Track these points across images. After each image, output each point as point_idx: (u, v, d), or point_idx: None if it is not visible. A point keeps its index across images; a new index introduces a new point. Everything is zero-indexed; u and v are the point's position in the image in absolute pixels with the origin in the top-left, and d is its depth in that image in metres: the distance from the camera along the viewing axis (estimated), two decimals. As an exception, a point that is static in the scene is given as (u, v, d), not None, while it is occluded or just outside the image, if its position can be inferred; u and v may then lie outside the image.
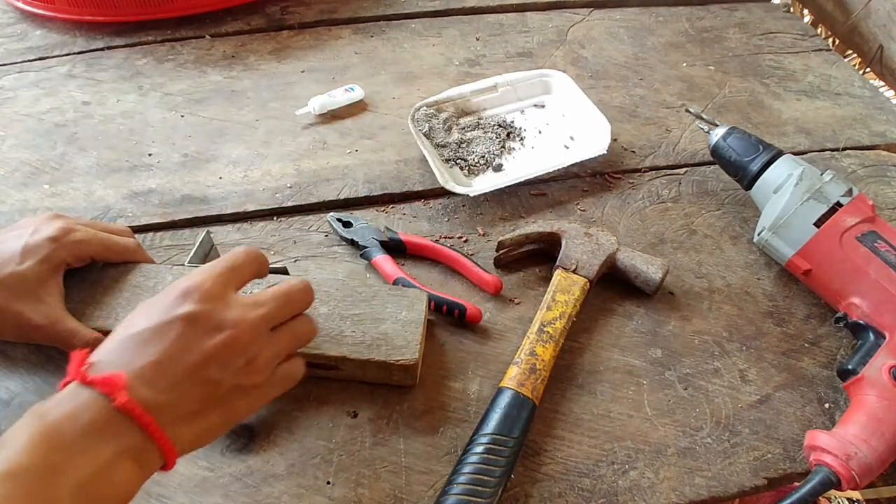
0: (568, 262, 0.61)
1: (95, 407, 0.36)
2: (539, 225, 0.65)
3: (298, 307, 0.46)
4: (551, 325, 0.57)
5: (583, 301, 0.60)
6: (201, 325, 0.40)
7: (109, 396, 0.36)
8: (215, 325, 0.40)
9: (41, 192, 0.71)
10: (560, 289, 0.60)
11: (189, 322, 0.40)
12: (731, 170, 0.68)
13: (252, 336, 0.41)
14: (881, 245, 0.58)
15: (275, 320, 0.44)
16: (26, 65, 0.88)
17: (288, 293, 0.45)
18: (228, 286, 0.43)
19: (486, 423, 0.51)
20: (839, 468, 0.49)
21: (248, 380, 0.42)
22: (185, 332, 0.39)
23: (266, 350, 0.43)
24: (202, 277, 0.42)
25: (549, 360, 0.55)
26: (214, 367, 0.40)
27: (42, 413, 0.36)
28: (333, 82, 0.86)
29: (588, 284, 0.60)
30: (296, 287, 0.46)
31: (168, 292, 0.42)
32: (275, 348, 0.43)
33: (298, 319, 0.46)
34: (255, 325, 0.42)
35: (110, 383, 0.37)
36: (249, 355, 0.41)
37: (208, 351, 0.40)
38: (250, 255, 0.45)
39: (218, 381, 0.40)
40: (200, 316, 0.40)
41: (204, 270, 0.43)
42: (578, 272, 0.61)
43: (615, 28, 0.99)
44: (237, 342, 0.41)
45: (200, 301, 0.41)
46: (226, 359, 0.40)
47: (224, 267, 0.43)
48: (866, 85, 0.90)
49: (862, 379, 0.54)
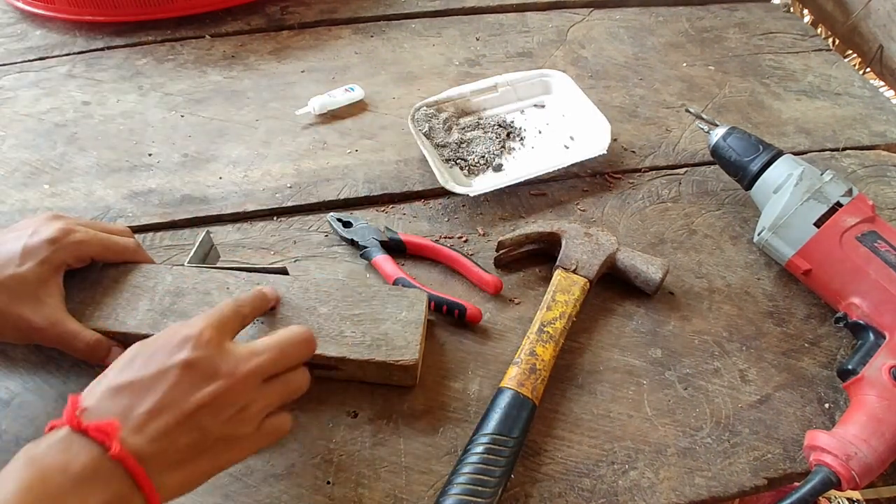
0: (568, 262, 0.61)
1: (87, 455, 0.36)
2: (539, 225, 0.65)
3: (296, 359, 0.46)
4: (551, 325, 0.57)
5: (583, 301, 0.60)
6: (197, 372, 0.40)
7: (103, 445, 0.37)
8: (210, 373, 0.41)
9: (41, 192, 0.71)
10: (560, 289, 0.60)
11: (185, 369, 0.40)
12: (731, 170, 0.68)
13: (244, 387, 0.42)
14: (881, 245, 0.58)
15: (269, 372, 0.44)
16: (26, 65, 0.88)
17: (287, 344, 0.45)
18: (226, 333, 0.44)
19: (486, 423, 0.51)
20: (839, 468, 0.49)
21: (236, 430, 0.42)
22: (180, 379, 0.40)
23: (257, 402, 0.43)
24: (201, 326, 0.42)
25: (549, 360, 0.55)
26: (206, 415, 0.40)
27: (34, 458, 0.36)
28: (333, 82, 0.86)
29: (588, 284, 0.60)
30: (297, 337, 0.46)
31: (166, 337, 0.42)
32: (265, 401, 0.43)
33: (293, 372, 0.46)
34: (249, 376, 0.42)
35: (104, 431, 0.37)
36: (240, 406, 0.42)
37: (201, 400, 0.40)
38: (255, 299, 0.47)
39: (207, 429, 0.40)
40: (197, 363, 0.41)
41: (203, 317, 0.43)
42: (578, 272, 0.61)
43: (615, 28, 0.99)
44: (230, 392, 0.41)
45: (198, 348, 0.41)
46: (217, 408, 0.40)
47: (217, 318, 0.44)
48: (866, 85, 0.90)
49: (862, 379, 0.54)
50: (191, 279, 0.56)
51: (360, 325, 0.54)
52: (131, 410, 0.39)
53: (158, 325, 0.53)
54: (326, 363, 0.53)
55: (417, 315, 0.55)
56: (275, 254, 0.66)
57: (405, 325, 0.54)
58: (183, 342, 0.41)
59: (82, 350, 0.51)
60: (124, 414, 0.38)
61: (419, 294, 0.57)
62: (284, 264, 0.63)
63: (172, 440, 0.39)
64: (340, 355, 0.52)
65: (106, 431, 0.37)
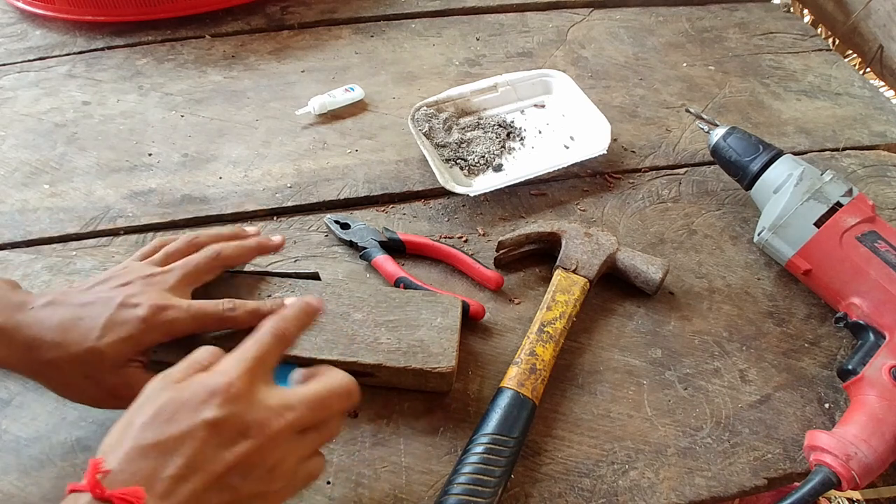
0: (568, 262, 0.61)
1: None
2: (539, 225, 0.65)
3: (335, 412, 0.42)
4: (551, 325, 0.57)
5: (583, 301, 0.60)
6: (226, 432, 0.37)
7: None
8: (240, 431, 0.38)
9: (41, 192, 0.71)
10: (560, 289, 0.60)
11: (213, 429, 0.37)
12: (731, 170, 0.68)
13: (276, 445, 0.39)
14: (881, 245, 0.58)
15: (304, 427, 0.40)
16: (26, 65, 0.88)
17: (327, 397, 0.41)
18: (256, 380, 0.40)
19: (486, 423, 0.50)
20: (839, 468, 0.49)
21: (268, 486, 0.39)
22: (207, 441, 0.37)
23: (290, 457, 0.40)
24: (232, 376, 0.39)
25: (550, 360, 0.55)
26: (236, 476, 0.37)
27: None
28: (333, 82, 0.86)
29: (588, 284, 0.60)
30: (339, 389, 0.42)
31: (192, 390, 0.38)
32: (298, 454, 0.40)
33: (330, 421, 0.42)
34: (282, 433, 0.39)
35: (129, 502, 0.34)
36: (273, 464, 0.39)
37: (231, 461, 0.37)
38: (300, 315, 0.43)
39: (238, 489, 0.37)
40: (226, 422, 0.37)
41: (231, 365, 0.40)
42: (578, 272, 0.61)
43: (615, 28, 0.99)
44: (261, 451, 0.38)
45: (226, 404, 0.37)
46: (248, 468, 0.38)
47: (252, 358, 0.40)
48: (866, 85, 0.90)
49: (862, 379, 0.54)
50: (222, 284, 0.55)
51: (395, 332, 0.53)
52: (157, 474, 0.35)
53: None
54: (362, 370, 0.52)
55: (453, 321, 0.54)
56: (275, 254, 0.66)
57: (440, 331, 0.54)
58: (210, 397, 0.37)
59: None
60: (150, 478, 0.35)
61: (453, 300, 0.56)
62: (291, 267, 0.62)
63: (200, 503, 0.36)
64: (377, 363, 0.51)
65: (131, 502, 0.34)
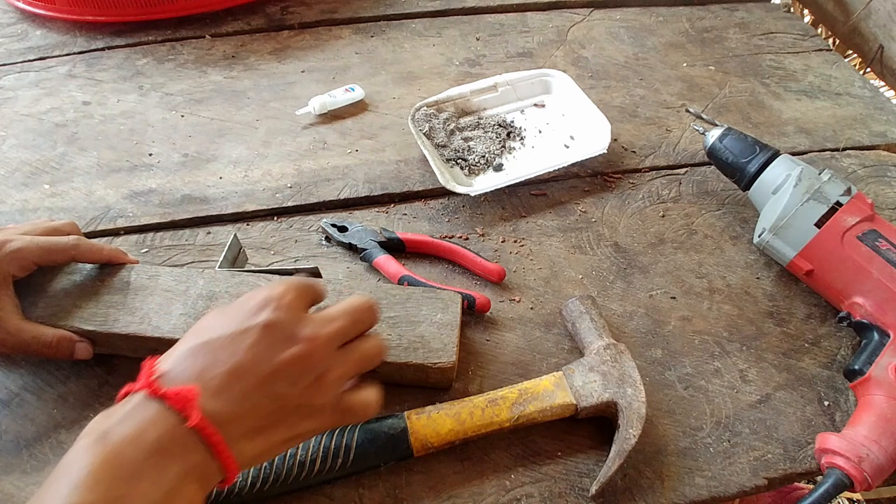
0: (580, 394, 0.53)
1: (163, 424, 0.35)
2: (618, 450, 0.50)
3: (365, 325, 0.45)
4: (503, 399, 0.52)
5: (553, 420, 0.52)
6: (278, 334, 0.39)
7: (181, 414, 0.35)
8: (290, 336, 0.40)
9: (41, 192, 0.71)
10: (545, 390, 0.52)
11: (267, 330, 0.39)
12: (729, 171, 0.68)
13: (324, 352, 0.40)
14: (882, 244, 0.58)
15: (345, 338, 0.43)
16: (26, 65, 0.88)
17: (356, 311, 0.44)
18: (304, 301, 0.42)
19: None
20: (852, 470, 0.49)
21: (313, 399, 0.40)
22: (261, 340, 0.39)
23: (335, 368, 0.41)
24: (282, 289, 0.41)
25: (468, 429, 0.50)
26: (284, 381, 0.39)
27: (104, 433, 0.35)
28: (333, 82, 0.86)
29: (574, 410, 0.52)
30: (364, 305, 0.44)
31: (247, 300, 0.41)
32: (343, 368, 0.42)
33: (367, 339, 0.45)
34: (328, 341, 0.41)
35: (182, 399, 0.35)
36: (318, 372, 0.40)
37: (281, 363, 0.39)
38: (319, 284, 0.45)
39: (285, 396, 0.39)
40: (279, 325, 0.39)
41: (283, 282, 0.42)
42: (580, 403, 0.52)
43: (615, 28, 0.99)
44: (309, 357, 0.40)
45: (279, 310, 0.40)
46: (296, 374, 0.39)
47: (302, 283, 0.43)
48: (866, 85, 0.90)
49: (869, 379, 0.54)
50: (223, 283, 0.56)
51: (395, 328, 0.54)
52: (209, 371, 0.37)
53: None
54: None
55: (453, 317, 0.55)
56: (275, 254, 0.66)
57: (441, 326, 0.54)
58: (264, 303, 0.40)
59: (46, 351, 0.51)
60: (202, 376, 0.37)
61: (453, 296, 0.56)
62: (290, 265, 0.63)
63: (251, 405, 0.38)
64: None
65: (185, 398, 0.35)
